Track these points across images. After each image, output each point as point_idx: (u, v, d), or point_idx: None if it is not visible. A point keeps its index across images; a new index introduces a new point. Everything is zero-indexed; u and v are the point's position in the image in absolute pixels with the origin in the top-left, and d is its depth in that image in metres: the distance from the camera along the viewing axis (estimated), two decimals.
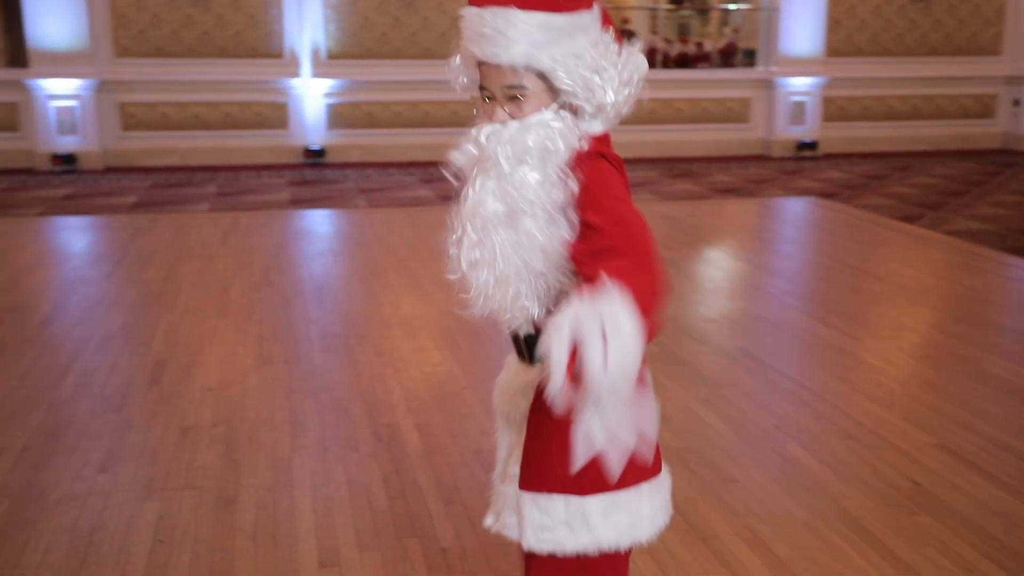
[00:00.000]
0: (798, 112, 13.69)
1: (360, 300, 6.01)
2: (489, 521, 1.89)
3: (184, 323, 5.47)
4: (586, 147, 1.69)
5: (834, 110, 14.03)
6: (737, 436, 3.96)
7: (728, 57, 15.24)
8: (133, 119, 12.13)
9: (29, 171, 11.56)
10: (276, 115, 12.54)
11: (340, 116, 12.57)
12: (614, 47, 1.72)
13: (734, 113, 13.82)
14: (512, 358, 1.90)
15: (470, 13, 1.67)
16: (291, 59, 12.43)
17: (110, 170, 11.71)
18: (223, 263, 6.87)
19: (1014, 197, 10.16)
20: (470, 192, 1.71)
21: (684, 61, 15.32)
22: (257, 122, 12.49)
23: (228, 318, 5.57)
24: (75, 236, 8.08)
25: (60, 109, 11.71)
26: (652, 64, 9.77)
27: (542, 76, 1.67)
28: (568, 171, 1.68)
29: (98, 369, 4.72)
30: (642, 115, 9.98)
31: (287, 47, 12.43)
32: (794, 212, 9.42)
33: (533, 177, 1.67)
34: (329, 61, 12.46)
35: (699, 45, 15.91)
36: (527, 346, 1.79)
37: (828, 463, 3.71)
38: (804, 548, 3.09)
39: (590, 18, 1.70)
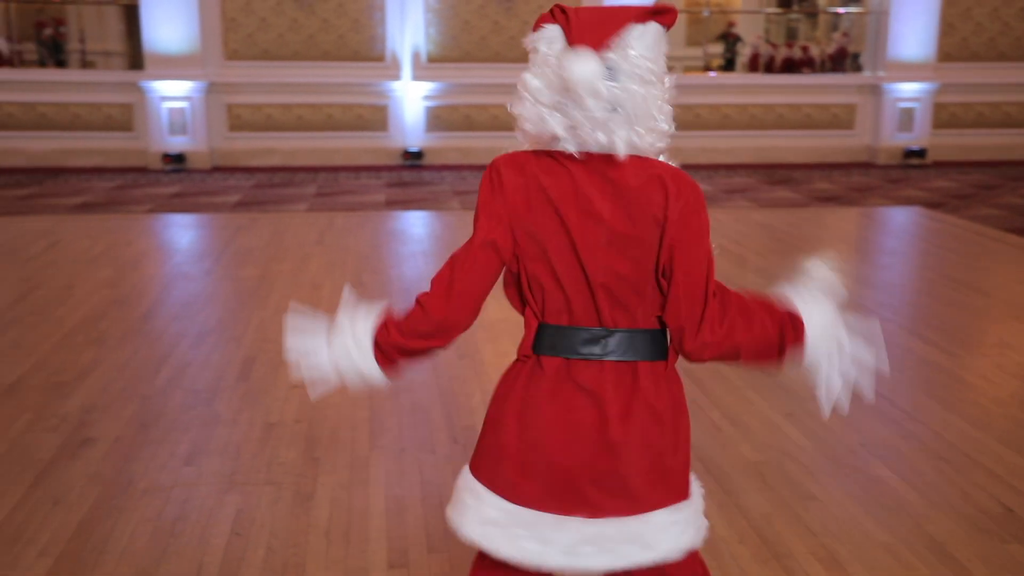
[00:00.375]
0: (906, 119, 13.28)
1: None
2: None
3: (275, 321, 5.60)
4: None
5: (945, 117, 13.56)
6: (819, 452, 3.86)
7: (839, 62, 14.84)
8: (239, 120, 12.50)
9: (141, 169, 12.02)
10: (376, 117, 12.76)
11: (438, 119, 12.71)
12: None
13: (839, 119, 13.49)
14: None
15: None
16: (392, 62, 12.63)
17: (216, 169, 12.09)
18: (317, 262, 7.02)
19: None
20: None
21: (790, 66, 15.00)
22: (358, 124, 12.73)
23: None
24: (179, 233, 8.36)
25: (172, 110, 12.14)
26: (755, 69, 9.60)
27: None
28: None
29: (191, 364, 4.87)
30: (742, 120, 9.94)
31: (388, 51, 12.63)
32: (896, 222, 9.13)
33: None
34: (429, 64, 12.62)
35: (804, 49, 15.55)
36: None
37: (914, 484, 3.58)
38: (882, 571, 2.99)
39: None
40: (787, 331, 1.80)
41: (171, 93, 12.08)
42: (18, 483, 3.54)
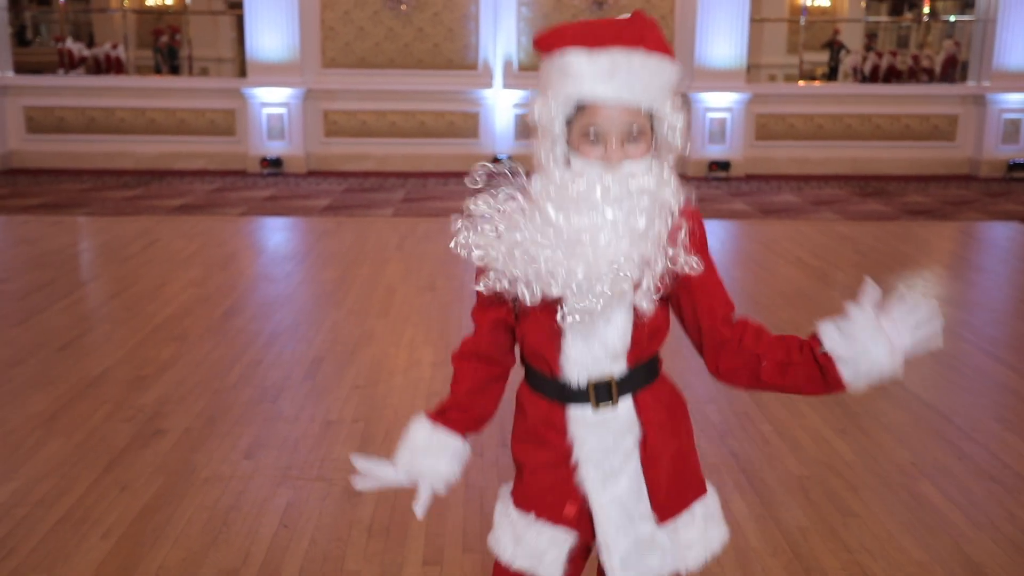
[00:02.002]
0: (1012, 130, 12.86)
1: None
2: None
3: (347, 323, 5.80)
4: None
5: None
6: (867, 469, 3.83)
7: (948, 71, 14.44)
8: (335, 126, 12.86)
9: (240, 173, 12.48)
10: (467, 124, 12.97)
11: (529, 126, 12.82)
12: None
13: (939, 130, 13.13)
14: (580, 419, 1.80)
15: (617, 55, 1.66)
16: (484, 71, 12.83)
17: (311, 173, 12.47)
18: (394, 267, 7.21)
19: None
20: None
21: (896, 75, 14.67)
22: (449, 131, 12.96)
23: (387, 320, 5.86)
24: (267, 236, 8.68)
25: (271, 116, 12.58)
26: (860, 78, 9.43)
27: (650, 119, 1.69)
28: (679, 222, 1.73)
29: (262, 362, 5.09)
30: (837, 130, 9.84)
31: (481, 59, 12.83)
32: (990, 237, 8.87)
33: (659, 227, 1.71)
34: (520, 73, 12.76)
35: (915, 59, 15.19)
36: (616, 389, 1.78)
37: (960, 504, 3.53)
38: None
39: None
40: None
41: (271, 99, 12.52)
42: (92, 469, 3.78)
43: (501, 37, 12.71)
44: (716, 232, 8.83)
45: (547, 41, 1.71)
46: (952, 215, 10.00)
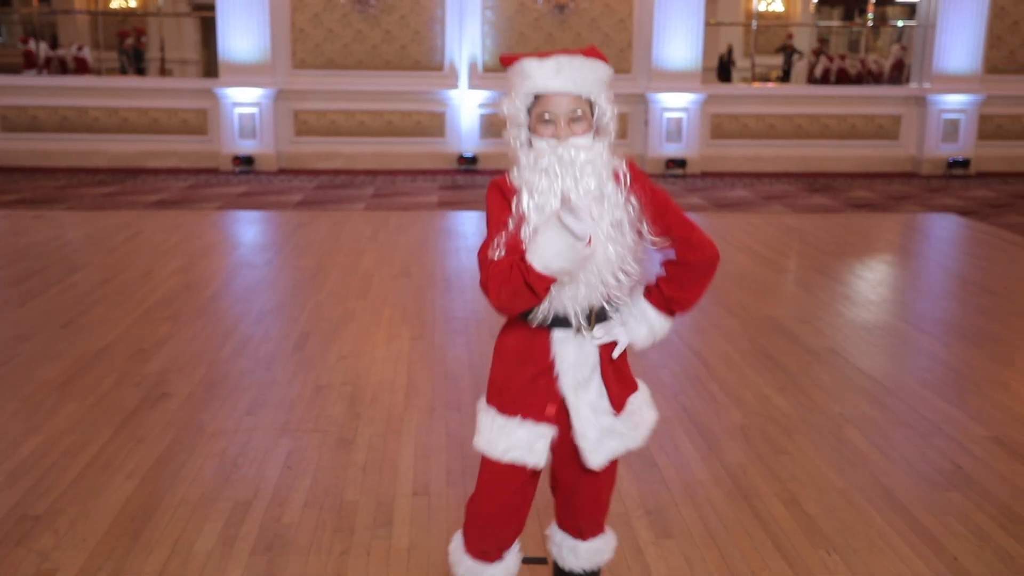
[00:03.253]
0: (951, 130, 13.54)
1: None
2: (602, 459, 2.33)
3: (328, 304, 6.23)
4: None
5: (991, 128, 13.79)
6: (800, 419, 4.34)
7: (896, 74, 15.13)
8: (305, 125, 13.25)
9: (213, 171, 12.83)
10: (434, 124, 13.41)
11: (493, 125, 13.31)
12: None
13: (883, 130, 13.79)
14: (564, 339, 2.27)
15: (560, 59, 2.20)
16: (450, 72, 13.28)
17: (282, 171, 12.85)
18: (369, 256, 7.64)
19: None
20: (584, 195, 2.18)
21: (847, 78, 15.35)
22: (416, 130, 13.40)
23: (367, 301, 6.29)
24: (245, 228, 9.06)
25: (242, 115, 12.94)
26: (811, 80, 10.12)
27: (590, 107, 2.22)
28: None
29: (253, 337, 5.51)
30: (788, 130, 10.58)
31: (447, 61, 13.28)
32: (926, 228, 9.48)
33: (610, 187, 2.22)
34: (485, 74, 13.23)
35: (862, 62, 15.88)
36: (597, 318, 2.27)
37: (879, 446, 4.05)
38: (833, 509, 3.48)
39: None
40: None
41: (242, 99, 12.87)
42: (108, 425, 4.19)
43: (466, 39, 13.17)
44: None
45: (509, 58, 2.28)
46: (893, 208, 10.61)
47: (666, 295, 2.31)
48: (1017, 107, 13.74)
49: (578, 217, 1.99)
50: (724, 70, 17.98)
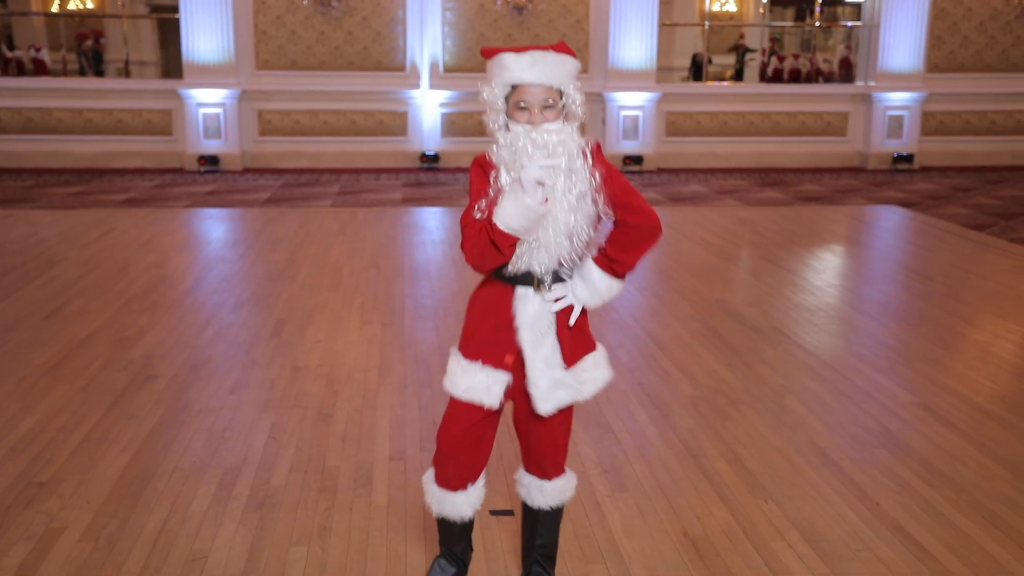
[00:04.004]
0: (896, 126, 14.07)
1: (451, 281, 6.95)
2: (550, 406, 2.65)
3: (302, 294, 6.52)
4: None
5: (934, 124, 14.34)
6: (745, 390, 4.71)
7: (844, 72, 15.66)
8: (269, 125, 13.47)
9: (179, 170, 13.01)
10: (396, 123, 13.70)
11: (453, 124, 13.63)
12: None
13: (832, 126, 14.29)
14: (525, 296, 2.61)
15: (535, 54, 2.52)
16: (412, 72, 13.57)
17: (248, 171, 13.07)
18: (338, 249, 7.93)
19: None
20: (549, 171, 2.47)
21: (799, 76, 15.85)
22: (379, 129, 13.68)
23: (338, 291, 6.59)
24: (216, 225, 9.30)
25: (207, 116, 13.14)
26: (764, 78, 10.61)
27: (560, 95, 2.55)
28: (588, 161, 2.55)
29: (231, 325, 5.78)
30: (740, 127, 11.15)
31: (408, 61, 13.57)
32: (869, 218, 9.94)
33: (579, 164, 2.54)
34: (446, 74, 13.54)
35: (812, 61, 16.39)
36: (555, 279, 2.61)
37: (816, 412, 4.44)
38: (771, 465, 3.85)
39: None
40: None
41: (206, 100, 13.07)
42: (100, 405, 4.45)
43: (427, 40, 13.47)
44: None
45: (489, 51, 2.60)
46: (839, 201, 11.07)
47: (610, 256, 2.64)
48: (957, 104, 14.30)
49: (534, 187, 2.34)
50: (698, 70, 18.34)
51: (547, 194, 2.41)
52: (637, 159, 13.52)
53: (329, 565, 3.11)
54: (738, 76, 18.13)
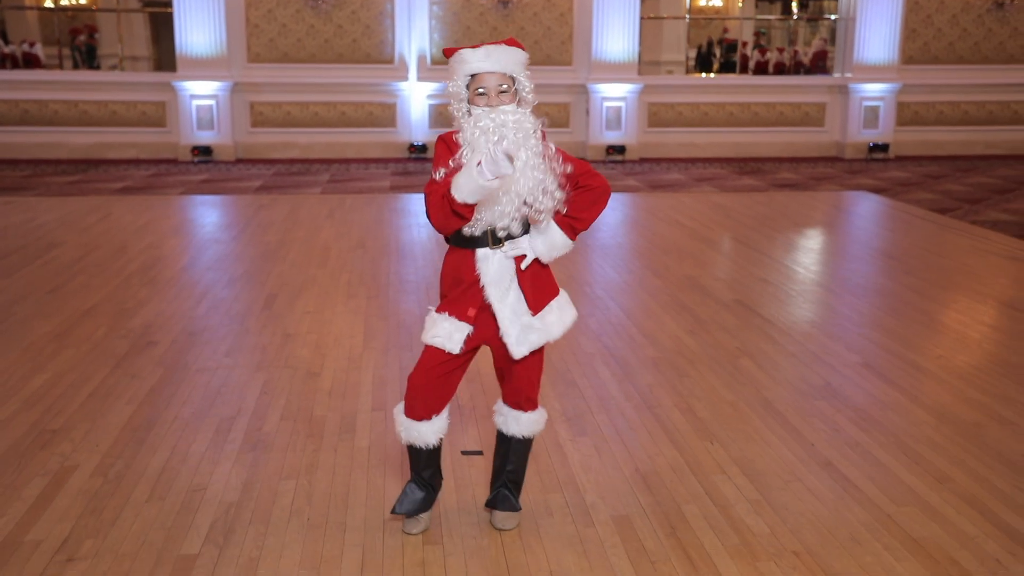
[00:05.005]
0: (871, 116, 14.46)
1: (435, 259, 7.30)
2: (523, 350, 3.04)
3: (291, 272, 6.87)
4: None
5: (909, 115, 14.74)
6: (703, 352, 5.09)
7: (819, 64, 16.05)
8: (261, 116, 13.81)
9: (172, 161, 13.35)
10: (385, 114, 14.04)
11: (441, 116, 13.97)
12: None
13: (809, 117, 14.67)
14: (485, 256, 2.98)
15: (489, 47, 2.92)
16: (400, 64, 13.91)
17: (240, 161, 13.41)
18: (327, 231, 8.29)
19: None
20: (510, 146, 2.83)
21: (782, 70, 16.24)
22: (368, 120, 14.02)
23: (326, 269, 6.95)
24: (210, 210, 9.65)
25: (200, 107, 13.47)
26: (744, 71, 11.09)
27: (514, 82, 2.95)
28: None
29: (225, 299, 6.14)
30: (720, 118, 11.70)
31: (397, 54, 13.92)
32: (836, 203, 10.32)
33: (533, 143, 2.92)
34: (433, 66, 13.88)
35: (794, 54, 16.77)
36: (510, 237, 2.99)
37: (766, 369, 4.81)
38: (720, 414, 4.22)
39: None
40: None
41: (200, 92, 13.40)
42: (105, 365, 4.81)
43: (415, 33, 13.81)
44: (608, 203, 10.08)
45: (450, 50, 3.02)
46: (813, 188, 11.45)
47: (570, 216, 3.02)
48: (932, 95, 14.69)
49: (491, 165, 2.72)
50: (704, 61, 18.74)
51: (510, 168, 2.78)
52: (620, 149, 13.88)
53: (315, 495, 3.48)
54: (723, 69, 18.51)
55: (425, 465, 3.22)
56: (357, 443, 3.92)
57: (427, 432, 3.14)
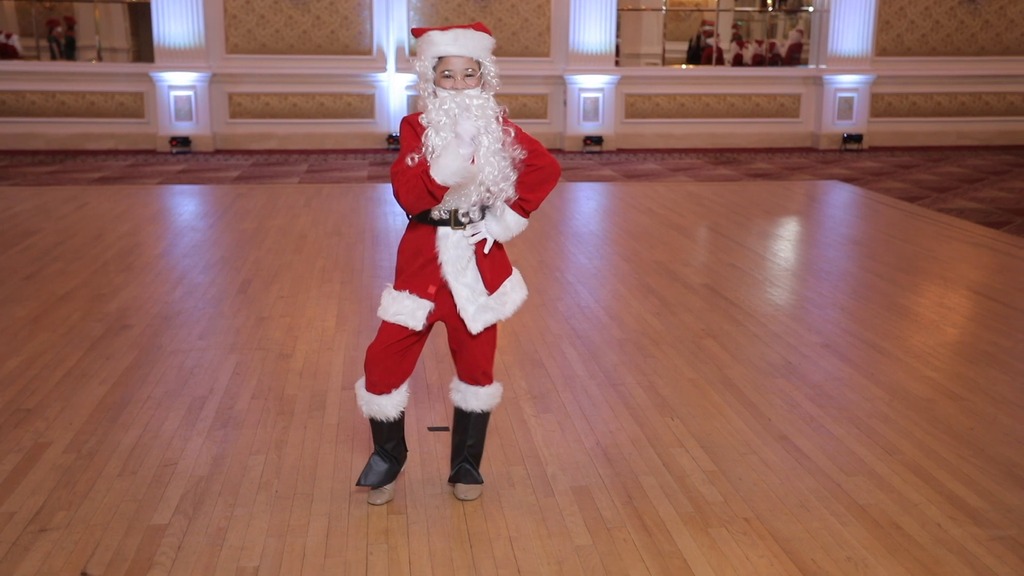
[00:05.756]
0: (845, 107, 14.62)
1: None
2: (479, 327, 3.15)
3: (267, 258, 6.95)
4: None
5: (882, 106, 14.90)
6: (669, 334, 5.21)
7: (795, 56, 16.20)
8: (240, 107, 13.84)
9: (151, 151, 13.37)
10: (363, 105, 14.10)
11: (419, 107, 14.02)
12: None
13: (785, 108, 14.82)
14: (445, 235, 3.09)
15: (457, 31, 2.99)
16: (378, 56, 13.97)
17: (219, 152, 13.44)
18: (304, 219, 8.37)
19: None
20: (475, 129, 2.93)
21: (761, 62, 16.37)
22: (347, 111, 14.07)
23: (301, 255, 7.03)
24: (188, 199, 9.70)
25: (178, 98, 13.49)
26: (720, 62, 11.15)
27: (479, 67, 3.03)
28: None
29: (201, 283, 6.22)
30: (696, 109, 11.83)
31: (375, 45, 13.97)
32: (808, 192, 10.46)
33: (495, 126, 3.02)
34: (411, 57, 13.84)
35: (772, 46, 16.91)
36: (469, 219, 3.09)
37: (729, 349, 4.94)
38: (681, 392, 4.34)
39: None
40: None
41: (178, 83, 13.41)
42: (80, 347, 4.89)
43: (393, 25, 13.87)
44: (583, 192, 10.21)
45: (419, 30, 3.09)
46: (786, 177, 11.60)
47: (520, 197, 3.12)
48: (904, 86, 14.87)
49: (465, 145, 2.83)
50: (695, 55, 18.83)
51: (474, 151, 2.88)
52: (597, 140, 13.99)
53: (284, 468, 3.58)
54: (703, 61, 18.61)
55: (387, 437, 3.32)
56: (326, 420, 4.02)
57: (387, 405, 3.24)
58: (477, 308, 3.15)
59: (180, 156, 13.05)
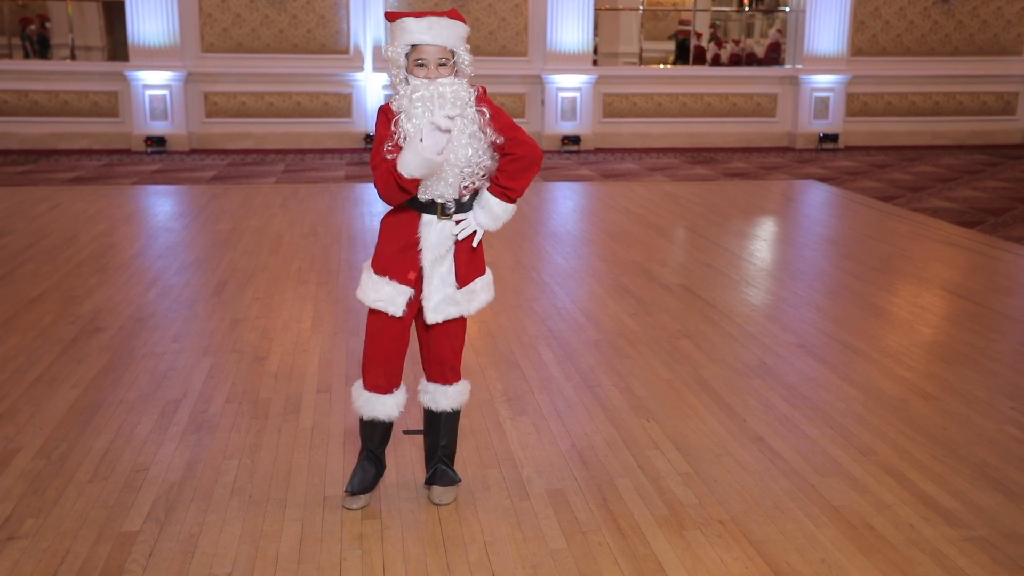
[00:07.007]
0: (822, 107, 14.70)
1: None
2: (438, 318, 3.14)
3: (243, 259, 6.91)
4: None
5: (858, 106, 14.99)
6: (645, 334, 5.21)
7: (773, 55, 16.27)
8: (216, 107, 13.75)
9: (126, 151, 13.26)
10: (341, 104, 14.05)
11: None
12: None
13: (761, 108, 14.88)
14: (429, 223, 3.08)
15: (432, 19, 2.96)
16: (355, 55, 13.92)
17: (194, 151, 13.35)
18: (280, 220, 8.32)
19: (999, 183, 11.09)
20: (447, 119, 2.92)
21: (738, 62, 16.45)
22: (324, 111, 14.01)
23: (277, 256, 6.99)
24: (162, 199, 9.63)
25: (153, 97, 13.39)
26: (702, 62, 11.17)
27: (453, 55, 3.01)
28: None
29: (175, 285, 6.17)
30: (674, 108, 11.84)
31: (352, 44, 13.92)
32: (784, 191, 10.51)
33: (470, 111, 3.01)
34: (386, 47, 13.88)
35: (748, 46, 16.98)
36: (455, 208, 3.08)
37: (704, 349, 4.95)
38: (657, 393, 4.35)
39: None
40: None
41: (153, 82, 13.31)
42: (51, 351, 4.83)
43: (370, 23, 13.82)
44: (560, 191, 10.21)
45: (393, 15, 3.05)
46: (762, 176, 11.65)
47: (502, 185, 3.10)
48: (880, 86, 14.96)
49: (432, 137, 2.81)
50: (683, 52, 18.84)
51: (444, 139, 2.87)
52: (575, 139, 14.00)
53: (258, 473, 3.55)
54: (679, 61, 18.64)
55: (381, 440, 3.31)
56: (301, 423, 3.99)
57: (391, 404, 3.24)
58: (441, 299, 3.14)
59: (155, 156, 12.95)
